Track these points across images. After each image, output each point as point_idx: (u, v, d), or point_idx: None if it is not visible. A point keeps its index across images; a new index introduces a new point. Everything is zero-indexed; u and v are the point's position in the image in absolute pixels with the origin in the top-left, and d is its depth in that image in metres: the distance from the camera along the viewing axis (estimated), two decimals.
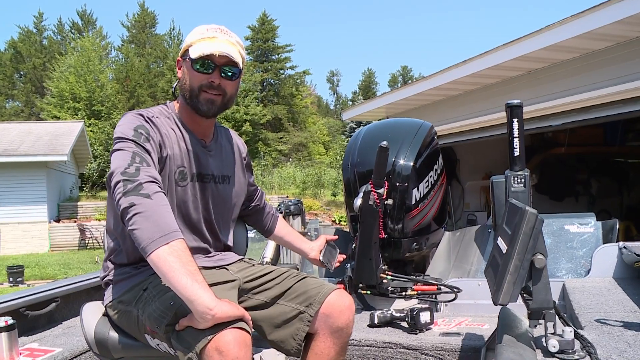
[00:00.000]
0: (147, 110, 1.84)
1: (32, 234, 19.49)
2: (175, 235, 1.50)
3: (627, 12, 4.90)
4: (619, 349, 1.63)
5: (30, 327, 2.64)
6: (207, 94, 1.80)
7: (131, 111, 1.83)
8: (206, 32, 1.81)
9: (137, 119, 1.76)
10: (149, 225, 1.49)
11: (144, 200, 1.53)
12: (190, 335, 1.48)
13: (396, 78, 64.49)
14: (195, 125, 1.89)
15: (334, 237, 2.43)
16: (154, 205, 1.53)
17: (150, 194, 1.54)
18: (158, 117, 1.83)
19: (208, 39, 1.79)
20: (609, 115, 6.13)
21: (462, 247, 3.60)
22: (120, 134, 1.71)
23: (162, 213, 1.53)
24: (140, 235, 1.49)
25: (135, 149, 1.66)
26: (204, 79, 1.79)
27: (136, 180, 1.56)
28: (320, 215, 21.63)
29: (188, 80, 1.82)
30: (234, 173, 2.03)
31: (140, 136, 1.70)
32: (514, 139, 1.94)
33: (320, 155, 38.96)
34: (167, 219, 1.53)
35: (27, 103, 38.80)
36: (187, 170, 1.83)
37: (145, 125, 1.75)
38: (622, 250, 2.82)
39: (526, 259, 1.54)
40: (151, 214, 1.51)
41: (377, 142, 2.66)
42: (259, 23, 43.21)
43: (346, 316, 1.77)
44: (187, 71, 1.82)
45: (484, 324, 2.63)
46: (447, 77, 8.05)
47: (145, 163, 1.63)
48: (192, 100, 1.82)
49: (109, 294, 1.85)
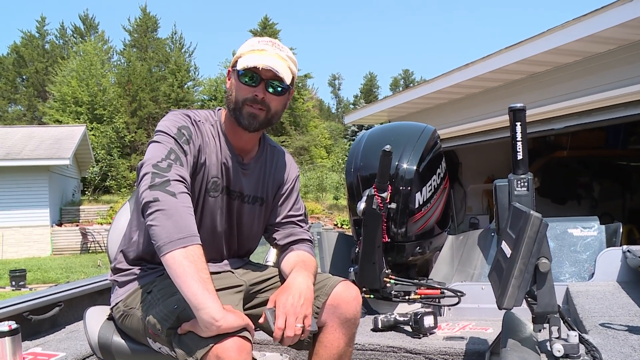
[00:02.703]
0: (195, 113, 1.83)
1: (35, 238, 19.50)
2: (193, 240, 1.50)
3: (629, 15, 4.90)
4: (624, 353, 1.62)
5: (34, 332, 2.64)
6: (250, 108, 1.76)
7: (179, 110, 1.82)
8: (257, 44, 1.79)
9: (184, 119, 1.75)
10: (169, 224, 1.50)
11: (169, 198, 1.53)
12: (192, 341, 1.48)
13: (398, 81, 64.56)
14: (236, 138, 1.85)
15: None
16: (178, 204, 1.53)
17: (176, 193, 1.54)
18: (204, 122, 1.81)
19: (257, 52, 1.76)
20: (611, 118, 6.12)
21: (465, 251, 3.59)
22: (164, 127, 1.71)
23: (184, 214, 1.53)
24: (158, 232, 1.50)
25: (173, 146, 1.65)
26: (249, 92, 1.75)
27: (165, 176, 1.56)
28: (322, 219, 21.61)
29: (234, 92, 1.79)
30: (267, 196, 1.95)
31: (182, 136, 1.70)
32: (517, 143, 1.93)
33: (322, 158, 38.94)
34: (188, 222, 1.52)
35: (29, 107, 38.85)
36: (220, 182, 1.81)
37: (190, 127, 1.74)
38: (626, 253, 2.81)
39: (531, 263, 1.53)
40: (173, 213, 1.51)
41: (380, 146, 2.66)
42: (261, 27, 43.24)
43: (354, 307, 1.77)
44: (234, 83, 1.79)
45: (487, 328, 2.63)
46: (449, 81, 8.05)
47: (179, 162, 1.63)
48: (235, 112, 1.78)
49: (115, 296, 1.86)
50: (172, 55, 37.43)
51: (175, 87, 35.12)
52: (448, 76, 8.07)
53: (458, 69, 7.79)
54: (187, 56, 39.04)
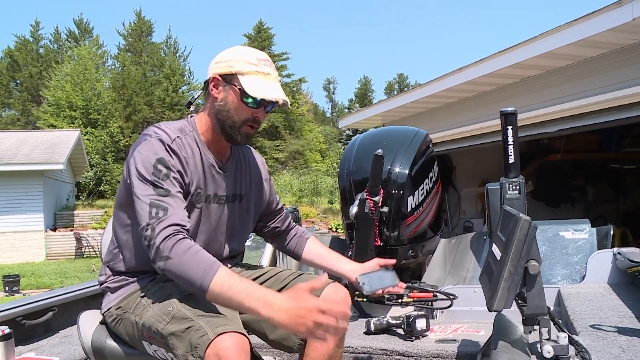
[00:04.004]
0: (170, 129, 1.78)
1: (29, 243, 19.40)
2: (209, 276, 1.53)
3: (620, 20, 4.93)
4: (613, 354, 1.64)
5: (27, 336, 2.64)
6: (249, 128, 1.80)
7: (153, 130, 1.77)
8: (257, 63, 1.77)
9: (158, 148, 1.71)
10: (183, 281, 1.55)
11: (168, 264, 1.56)
12: (189, 340, 1.49)
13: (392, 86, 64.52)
14: (215, 145, 1.87)
15: (391, 262, 2.05)
16: (176, 262, 1.55)
17: (168, 255, 1.56)
18: (179, 136, 1.78)
19: (262, 76, 1.76)
20: (604, 121, 6.15)
21: (457, 254, 3.61)
22: (140, 169, 1.68)
23: (186, 264, 1.55)
24: (188, 287, 1.57)
25: (152, 198, 1.64)
26: (251, 113, 1.77)
27: (153, 245, 1.58)
28: (317, 223, 21.59)
29: (232, 109, 1.78)
30: (249, 191, 2.00)
31: (160, 173, 1.68)
32: (509, 146, 1.95)
33: (316, 163, 38.94)
34: (194, 264, 1.54)
35: (23, 112, 38.69)
36: (203, 191, 1.83)
37: (165, 158, 1.70)
38: (617, 256, 2.84)
39: (520, 265, 1.55)
40: (180, 272, 1.55)
41: (373, 150, 2.68)
42: (255, 31, 43.26)
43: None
44: (233, 99, 1.77)
45: (479, 330, 2.64)
46: (442, 85, 8.08)
47: (161, 212, 1.61)
48: (232, 129, 1.79)
49: (106, 301, 1.86)
50: (167, 60, 37.35)
51: (170, 91, 35.03)
52: (441, 80, 8.10)
53: (451, 73, 7.82)
54: (182, 60, 38.98)
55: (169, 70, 35.96)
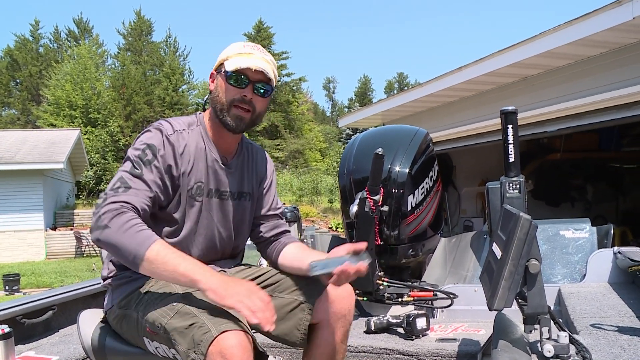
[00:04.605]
0: (177, 122, 1.85)
1: (29, 242, 19.40)
2: (145, 246, 1.56)
3: (619, 19, 4.93)
4: (613, 353, 1.64)
5: (27, 335, 2.64)
6: (237, 110, 1.81)
7: (159, 122, 1.85)
8: (243, 48, 1.84)
9: (154, 136, 1.78)
10: (118, 251, 1.59)
11: (104, 233, 1.59)
12: (192, 337, 1.49)
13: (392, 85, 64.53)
14: (220, 140, 1.90)
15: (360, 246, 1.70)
16: (114, 232, 1.58)
17: (107, 224, 1.59)
18: (184, 129, 1.84)
19: (245, 55, 1.81)
20: (604, 121, 6.15)
21: (458, 253, 3.61)
22: (130, 150, 1.77)
23: (125, 234, 1.57)
24: (121, 258, 1.61)
25: (124, 173, 1.71)
26: (237, 93, 1.80)
27: (96, 213, 1.62)
28: (317, 222, 21.59)
29: (220, 93, 1.83)
30: (253, 191, 2.01)
31: (144, 156, 1.73)
32: (509, 145, 1.95)
33: (316, 162, 38.95)
34: (132, 236, 1.57)
35: (23, 111, 38.68)
36: (204, 185, 1.85)
37: (156, 146, 1.76)
38: (617, 255, 2.84)
39: (520, 264, 1.55)
40: (116, 242, 1.58)
41: (373, 149, 2.68)
42: (255, 30, 43.26)
43: (348, 303, 1.81)
44: (221, 84, 1.83)
45: (480, 329, 2.64)
46: (442, 84, 8.07)
47: (123, 188, 1.67)
48: (223, 114, 1.82)
49: (109, 298, 1.86)
50: (167, 59, 37.34)
51: (170, 90, 35.03)
52: (441, 79, 8.09)
53: (451, 72, 7.82)
54: (182, 60, 38.98)
55: (168, 70, 35.96)
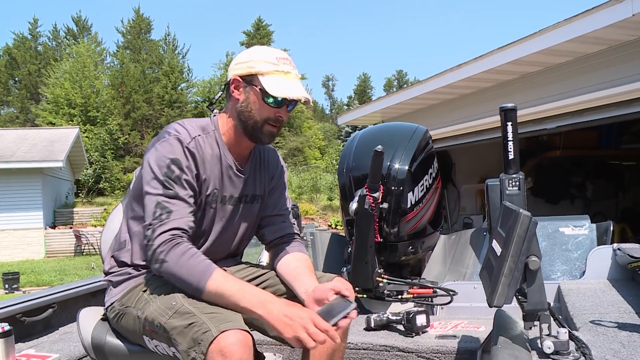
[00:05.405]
0: (192, 126, 1.79)
1: (28, 241, 19.41)
2: (204, 281, 1.58)
3: (618, 16, 4.93)
4: (613, 349, 1.64)
5: (27, 333, 2.63)
6: (271, 127, 1.79)
7: (174, 128, 1.76)
8: (277, 62, 1.76)
9: (175, 148, 1.72)
10: (180, 283, 1.62)
11: (163, 267, 1.62)
12: (192, 336, 1.49)
13: (391, 82, 64.45)
14: (236, 146, 1.86)
15: (343, 289, 1.73)
16: (172, 266, 1.61)
17: (164, 259, 1.61)
18: (199, 134, 1.78)
19: (282, 75, 1.75)
20: (603, 118, 6.16)
21: (457, 251, 3.61)
22: (154, 167, 1.70)
23: (181, 268, 1.60)
24: (184, 290, 1.62)
25: (159, 198, 1.67)
26: (272, 112, 1.76)
27: (151, 246, 1.63)
28: (316, 219, 21.60)
29: (253, 110, 1.77)
30: (264, 193, 1.99)
31: (172, 174, 1.69)
32: (509, 143, 1.95)
33: (316, 159, 38.92)
34: (190, 269, 1.60)
35: (22, 109, 38.62)
36: (218, 192, 1.83)
37: (180, 160, 1.71)
38: (616, 252, 2.84)
39: (520, 261, 1.55)
40: (175, 276, 1.61)
41: (372, 146, 2.68)
42: (254, 28, 43.27)
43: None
44: (254, 100, 1.76)
45: (479, 326, 2.64)
46: (442, 81, 8.07)
47: (164, 215, 1.65)
48: (254, 129, 1.78)
49: (109, 296, 1.86)
50: (166, 57, 37.28)
51: (169, 88, 34.98)
52: (441, 77, 8.09)
53: (451, 69, 7.82)
54: (181, 58, 38.89)
55: (167, 68, 35.91)
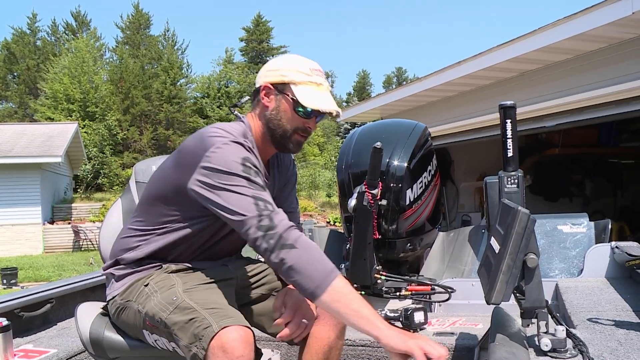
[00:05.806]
0: (233, 131, 1.72)
1: (26, 236, 19.38)
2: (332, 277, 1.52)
3: (619, 14, 4.93)
4: (610, 347, 1.64)
5: (25, 329, 2.64)
6: (299, 137, 1.79)
7: (230, 133, 1.69)
8: (310, 73, 1.76)
9: (240, 149, 1.66)
10: (305, 277, 1.51)
11: (291, 254, 1.52)
12: (193, 332, 1.49)
13: (391, 79, 64.32)
14: (264, 152, 1.84)
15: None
16: (302, 254, 1.53)
17: (294, 244, 1.53)
18: (245, 141, 1.73)
19: (315, 86, 1.75)
20: (602, 116, 6.15)
21: (456, 248, 3.62)
22: (229, 167, 1.61)
23: (312, 258, 1.53)
24: (302, 283, 1.52)
25: (253, 191, 1.59)
26: (302, 123, 1.77)
27: (275, 234, 1.54)
28: (315, 216, 21.60)
29: (283, 118, 1.76)
30: (281, 194, 1.99)
31: (250, 170, 1.63)
32: (508, 140, 1.95)
33: (314, 156, 38.90)
34: (320, 262, 1.54)
35: (20, 104, 38.53)
36: None
37: (251, 158, 1.66)
38: (614, 250, 2.84)
39: (518, 258, 1.55)
40: (303, 265, 1.52)
41: (371, 143, 2.68)
42: (254, 24, 43.21)
43: None
44: (285, 109, 1.76)
45: (477, 323, 2.65)
46: (441, 79, 8.07)
47: (270, 206, 1.59)
48: (283, 138, 1.78)
49: (110, 290, 1.85)
50: (165, 53, 37.21)
51: (168, 84, 34.92)
52: (440, 74, 8.09)
53: (450, 66, 7.82)
54: (180, 53, 38.84)
55: (167, 63, 35.85)
